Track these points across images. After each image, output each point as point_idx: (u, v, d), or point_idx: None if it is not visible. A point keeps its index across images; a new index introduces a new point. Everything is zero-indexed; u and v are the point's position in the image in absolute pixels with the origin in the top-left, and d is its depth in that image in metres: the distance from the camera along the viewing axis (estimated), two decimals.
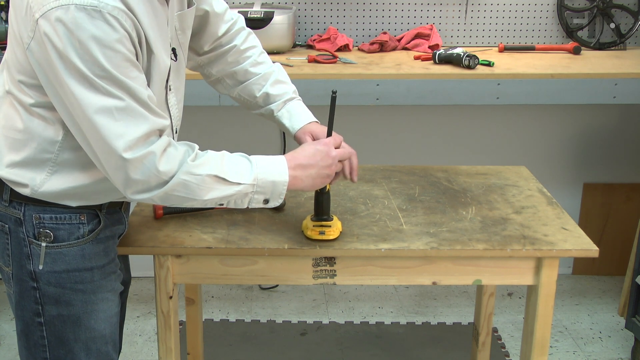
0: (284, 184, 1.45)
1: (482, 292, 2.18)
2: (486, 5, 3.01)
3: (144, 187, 1.34)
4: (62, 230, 1.44)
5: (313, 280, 1.64)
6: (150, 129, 1.32)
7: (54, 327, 1.48)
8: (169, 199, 1.38)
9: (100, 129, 1.27)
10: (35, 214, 1.42)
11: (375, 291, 3.24)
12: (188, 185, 1.36)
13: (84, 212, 1.45)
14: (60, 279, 1.45)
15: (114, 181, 1.35)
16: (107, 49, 1.24)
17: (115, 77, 1.26)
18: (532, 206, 1.83)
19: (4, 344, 2.81)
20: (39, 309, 1.46)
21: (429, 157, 3.18)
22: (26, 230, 1.43)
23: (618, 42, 2.99)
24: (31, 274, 1.44)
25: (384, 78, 2.51)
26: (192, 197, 1.38)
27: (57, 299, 1.46)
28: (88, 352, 1.51)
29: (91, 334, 1.50)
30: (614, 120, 3.22)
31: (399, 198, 1.86)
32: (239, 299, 3.15)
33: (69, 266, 1.44)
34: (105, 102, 1.26)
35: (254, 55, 1.72)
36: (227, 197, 1.42)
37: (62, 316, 1.47)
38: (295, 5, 2.90)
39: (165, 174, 1.34)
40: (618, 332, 2.95)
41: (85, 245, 1.46)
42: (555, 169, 3.27)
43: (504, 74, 2.55)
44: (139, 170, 1.31)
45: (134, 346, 2.82)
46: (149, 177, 1.32)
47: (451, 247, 1.60)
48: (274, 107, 1.71)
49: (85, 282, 1.47)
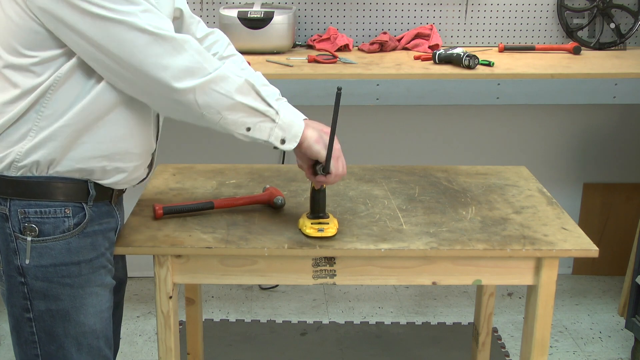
0: (300, 126, 1.53)
1: (482, 292, 2.18)
2: (486, 5, 3.01)
3: (187, 72, 1.39)
4: (47, 224, 1.44)
5: (313, 280, 1.64)
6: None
7: (44, 323, 1.48)
8: (209, 95, 1.42)
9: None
10: (20, 209, 1.43)
11: (375, 291, 3.24)
12: (228, 80, 1.43)
13: (69, 206, 1.46)
14: (47, 273, 1.45)
15: (157, 73, 1.38)
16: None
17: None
18: (532, 206, 1.83)
19: (4, 344, 2.81)
20: (28, 305, 1.47)
21: (429, 157, 3.18)
22: (12, 226, 1.43)
23: (618, 42, 2.99)
24: (18, 269, 1.45)
25: (384, 78, 2.51)
26: (228, 95, 1.43)
27: (45, 294, 1.46)
28: (79, 348, 1.51)
29: (81, 329, 1.51)
30: (614, 120, 3.22)
31: (399, 198, 1.86)
32: (239, 299, 3.15)
33: (55, 260, 1.45)
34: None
35: (237, 62, 1.75)
36: (254, 115, 1.47)
37: (51, 311, 1.48)
38: (295, 5, 2.90)
39: (210, 63, 1.41)
40: (618, 332, 2.95)
41: (72, 239, 1.46)
42: (555, 169, 3.27)
43: (504, 74, 2.55)
44: (186, 53, 1.39)
45: (134, 346, 2.82)
46: (193, 62, 1.39)
47: (451, 247, 1.60)
48: None
49: (73, 276, 1.47)
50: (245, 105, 1.46)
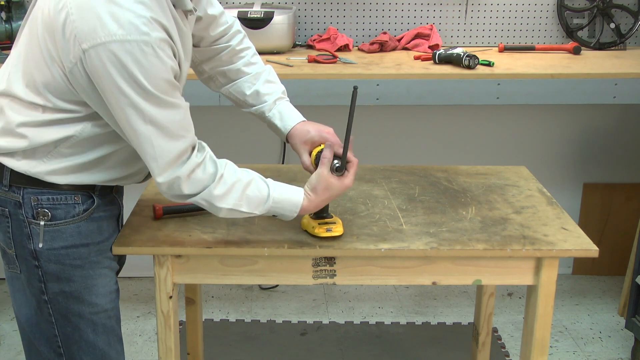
0: (294, 214, 1.57)
1: (482, 292, 2.18)
2: (486, 5, 3.01)
3: (170, 193, 1.49)
4: (59, 210, 1.51)
5: (313, 280, 1.64)
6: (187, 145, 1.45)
7: (58, 304, 1.55)
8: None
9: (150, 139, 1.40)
10: (33, 196, 1.49)
11: (375, 291, 3.24)
12: (204, 205, 1.51)
13: (78, 194, 1.53)
14: (59, 255, 1.52)
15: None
16: (155, 78, 1.34)
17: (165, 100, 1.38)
18: (532, 206, 1.83)
19: (4, 344, 2.81)
20: (43, 287, 1.54)
21: (429, 157, 3.18)
22: (25, 212, 1.50)
23: (618, 42, 2.99)
24: (32, 253, 1.51)
25: (384, 78, 2.51)
26: (208, 210, 1.53)
27: (58, 276, 1.53)
28: (94, 327, 1.58)
29: (94, 309, 1.57)
30: (614, 120, 3.22)
31: (399, 198, 1.86)
32: (239, 299, 3.15)
33: (66, 243, 1.52)
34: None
35: (247, 56, 1.78)
36: (237, 217, 1.56)
37: (64, 292, 1.54)
38: (295, 5, 2.90)
39: (189, 196, 1.48)
40: (618, 332, 2.95)
41: (81, 223, 1.53)
42: (555, 169, 3.27)
43: (504, 74, 2.55)
44: (168, 186, 1.47)
45: (134, 346, 2.82)
46: (173, 191, 1.48)
47: (451, 247, 1.60)
48: (265, 108, 1.75)
49: (83, 258, 1.54)
50: (224, 217, 1.55)
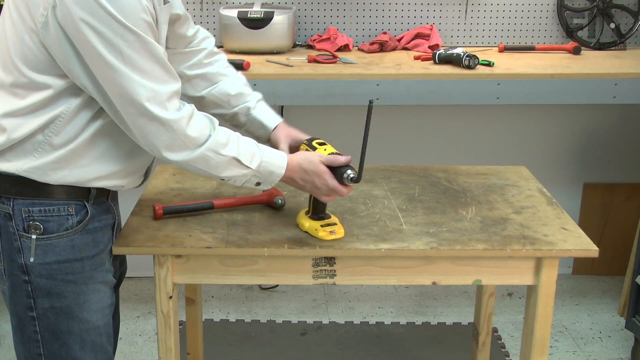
0: (279, 177, 1.56)
1: (482, 292, 2.18)
2: (486, 5, 3.01)
3: (168, 148, 1.43)
4: (52, 222, 1.46)
5: (313, 280, 1.64)
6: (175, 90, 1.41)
7: (47, 320, 1.49)
8: (187, 168, 1.49)
9: (128, 80, 1.35)
10: (24, 208, 1.44)
11: (375, 291, 3.24)
12: (209, 161, 1.46)
13: (72, 204, 1.48)
14: (51, 270, 1.47)
15: (139, 139, 1.43)
16: (132, 14, 1.32)
17: (141, 37, 1.34)
18: (532, 206, 1.83)
19: (4, 344, 2.81)
20: (31, 303, 1.48)
21: (429, 157, 3.18)
22: (16, 224, 1.45)
23: (618, 42, 2.99)
24: (22, 267, 1.46)
25: (384, 78, 2.51)
26: (209, 172, 1.49)
27: (49, 291, 1.48)
28: (83, 345, 1.53)
29: (85, 326, 1.52)
30: (614, 120, 3.22)
31: (398, 198, 1.86)
32: (239, 299, 3.15)
33: (59, 257, 1.47)
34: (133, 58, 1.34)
35: (222, 60, 1.80)
36: (234, 177, 1.52)
37: (55, 308, 1.49)
38: (295, 5, 2.90)
39: (192, 142, 1.43)
40: (618, 332, 2.95)
41: (75, 236, 1.48)
42: (555, 169, 3.27)
43: (504, 74, 2.55)
44: (167, 132, 1.41)
45: (134, 346, 2.82)
46: (174, 141, 1.42)
47: (451, 247, 1.60)
48: (250, 105, 1.76)
49: (76, 273, 1.49)
50: (225, 177, 1.53)
